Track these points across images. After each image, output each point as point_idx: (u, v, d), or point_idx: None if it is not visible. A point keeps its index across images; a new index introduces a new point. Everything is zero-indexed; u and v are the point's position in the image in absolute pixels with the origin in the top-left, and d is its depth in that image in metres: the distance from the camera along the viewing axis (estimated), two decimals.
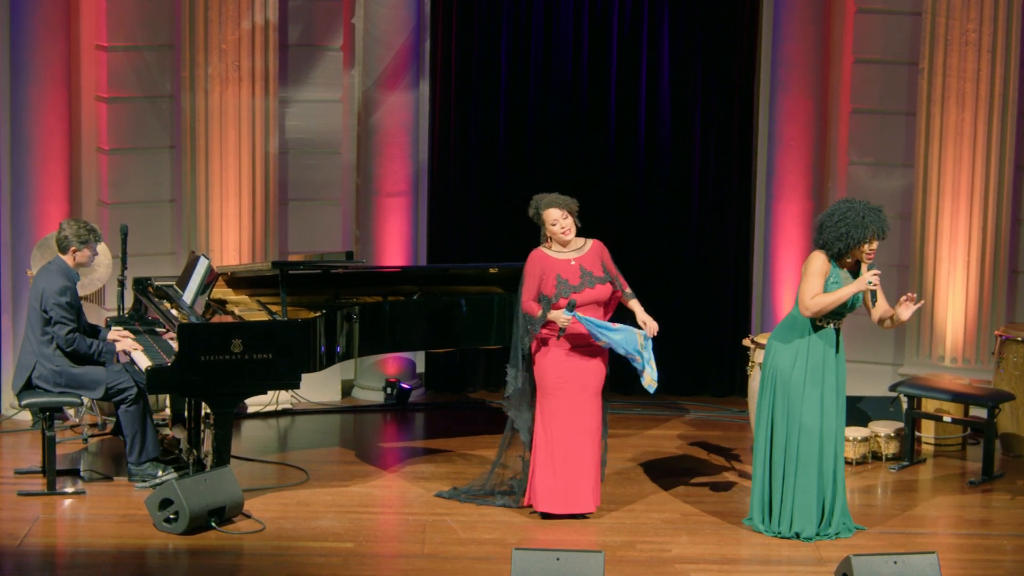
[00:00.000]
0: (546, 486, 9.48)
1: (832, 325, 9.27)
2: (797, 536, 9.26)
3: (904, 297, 9.21)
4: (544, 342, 9.44)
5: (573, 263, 9.45)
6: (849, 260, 9.24)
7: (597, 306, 9.47)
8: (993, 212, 11.56)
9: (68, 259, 9.95)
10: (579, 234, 9.54)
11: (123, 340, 10.01)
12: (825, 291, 9.16)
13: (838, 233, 9.15)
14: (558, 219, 9.44)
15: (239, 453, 10.56)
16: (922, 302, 9.47)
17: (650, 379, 9.42)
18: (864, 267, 9.23)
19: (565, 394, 9.43)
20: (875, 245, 9.18)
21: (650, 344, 9.42)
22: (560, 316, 9.32)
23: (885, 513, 9.84)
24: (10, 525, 9.31)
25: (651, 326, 9.47)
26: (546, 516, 9.52)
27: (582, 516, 9.53)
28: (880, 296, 9.31)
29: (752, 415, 10.62)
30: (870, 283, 9.12)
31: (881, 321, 9.32)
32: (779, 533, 9.31)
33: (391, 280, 10.81)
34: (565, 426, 9.44)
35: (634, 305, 9.58)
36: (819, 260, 9.21)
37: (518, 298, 9.49)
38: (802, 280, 9.21)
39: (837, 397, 9.30)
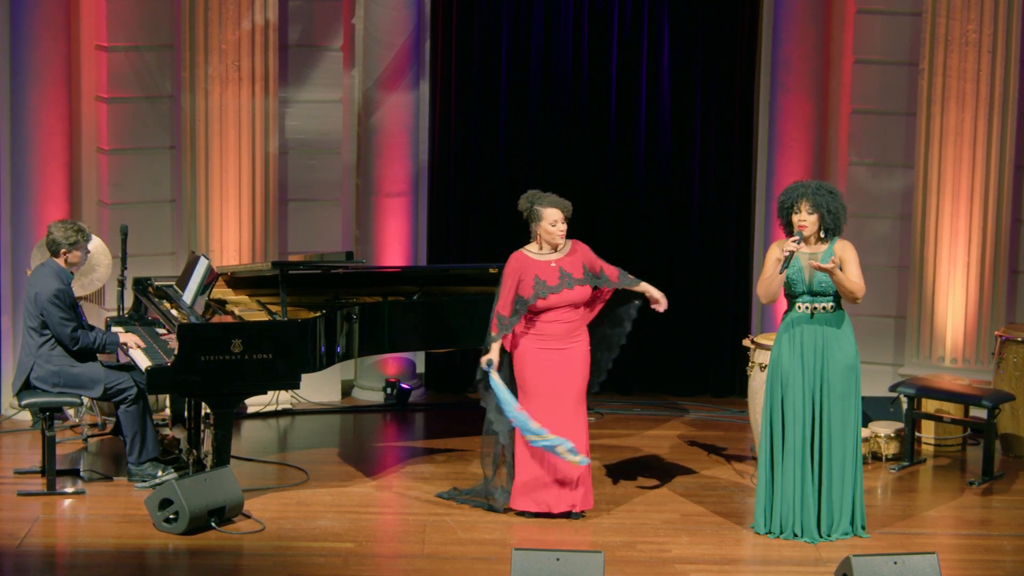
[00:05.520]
0: (524, 485, 9.48)
1: (813, 309, 9.17)
2: (796, 536, 9.24)
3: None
4: (520, 341, 9.47)
5: (553, 265, 9.44)
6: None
7: (573, 308, 9.45)
8: (993, 212, 11.55)
9: (60, 261, 9.97)
10: (570, 235, 9.55)
11: (127, 337, 10.06)
12: (790, 280, 9.15)
13: (778, 205, 9.24)
14: (558, 220, 9.43)
15: (239, 453, 10.56)
16: (797, 239, 9.15)
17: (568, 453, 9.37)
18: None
19: (545, 395, 9.42)
20: (808, 216, 9.08)
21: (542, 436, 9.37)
22: (486, 360, 9.41)
23: (885, 513, 9.83)
24: (10, 525, 9.31)
25: (659, 300, 9.55)
26: (522, 514, 9.51)
27: (565, 516, 9.51)
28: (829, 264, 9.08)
29: (752, 415, 10.62)
30: (784, 250, 9.06)
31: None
32: (777, 533, 9.28)
33: (391, 280, 10.81)
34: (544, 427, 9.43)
35: (644, 287, 9.58)
36: (771, 249, 9.22)
37: (495, 299, 9.48)
38: None
39: (827, 388, 9.14)
